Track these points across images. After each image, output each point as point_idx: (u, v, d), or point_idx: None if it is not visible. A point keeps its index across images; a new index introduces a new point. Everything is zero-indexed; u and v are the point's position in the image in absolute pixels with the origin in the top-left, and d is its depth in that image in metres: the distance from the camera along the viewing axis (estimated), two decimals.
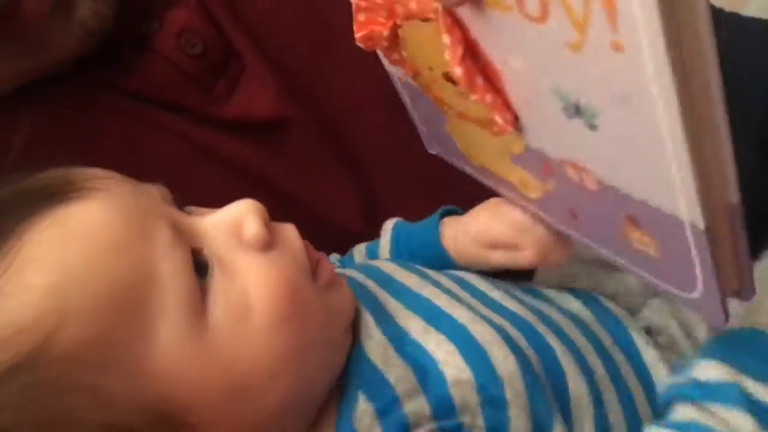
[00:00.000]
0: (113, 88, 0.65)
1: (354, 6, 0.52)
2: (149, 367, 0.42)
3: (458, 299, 0.52)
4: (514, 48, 0.43)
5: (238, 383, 0.43)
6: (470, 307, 0.51)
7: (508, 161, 0.53)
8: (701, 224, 0.40)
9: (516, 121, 0.48)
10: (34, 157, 0.45)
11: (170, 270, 0.43)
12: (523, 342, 0.49)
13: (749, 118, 0.73)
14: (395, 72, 0.59)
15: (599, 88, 0.39)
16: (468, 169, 0.61)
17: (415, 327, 0.49)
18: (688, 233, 0.41)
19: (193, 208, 0.49)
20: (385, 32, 0.53)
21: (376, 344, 0.48)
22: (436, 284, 0.54)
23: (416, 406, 0.45)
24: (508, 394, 0.45)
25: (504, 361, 0.46)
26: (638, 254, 0.47)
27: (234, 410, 0.44)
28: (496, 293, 0.54)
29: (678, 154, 0.38)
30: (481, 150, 0.56)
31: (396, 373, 0.46)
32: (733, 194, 0.40)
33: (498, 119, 0.48)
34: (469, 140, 0.57)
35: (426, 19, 0.48)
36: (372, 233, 0.66)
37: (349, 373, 0.48)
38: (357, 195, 0.67)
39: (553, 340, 0.51)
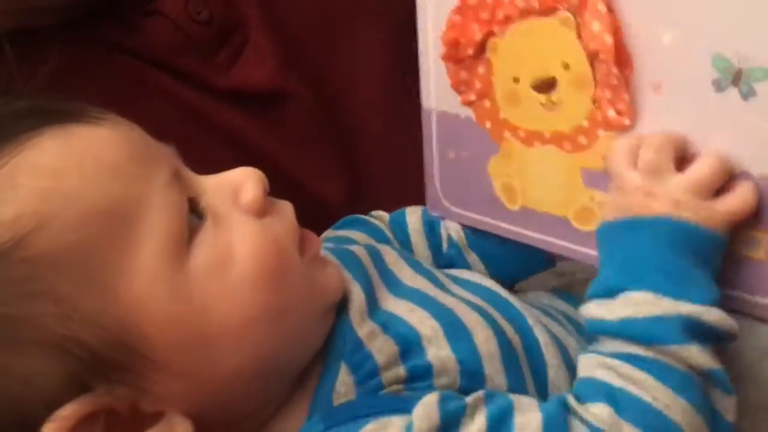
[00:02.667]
0: (116, 47, 0.65)
1: (458, 4, 0.53)
2: (121, 289, 0.41)
3: (448, 291, 0.53)
4: (671, 17, 0.46)
5: (206, 332, 0.43)
6: (458, 297, 0.52)
7: (577, 185, 0.53)
8: None
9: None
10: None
11: (162, 202, 0.43)
12: (508, 327, 0.51)
13: None
14: (437, 105, 0.59)
15: None
16: (487, 221, 0.60)
17: (402, 308, 0.50)
18: None
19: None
20: (478, 37, 0.53)
21: (363, 322, 0.49)
22: (431, 277, 0.54)
23: (393, 374, 0.46)
24: (487, 371, 0.47)
25: (485, 342, 0.48)
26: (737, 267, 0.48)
27: (197, 359, 0.43)
28: (488, 281, 0.56)
29: None
30: (536, 182, 0.56)
31: (379, 345, 0.47)
32: None
33: (611, 114, 0.49)
34: (524, 173, 0.56)
35: (550, 11, 0.50)
36: (354, 211, 0.66)
37: (335, 345, 0.48)
38: (345, 172, 0.67)
39: (539, 330, 0.52)
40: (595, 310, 0.46)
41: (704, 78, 0.46)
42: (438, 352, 0.46)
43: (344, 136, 0.65)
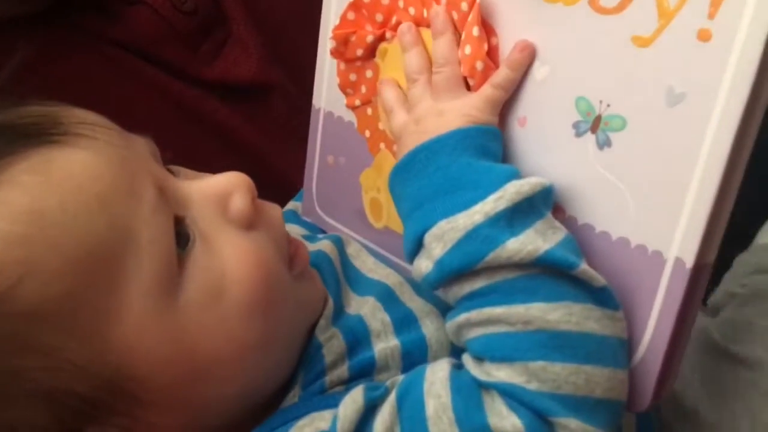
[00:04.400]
0: (100, 36, 0.64)
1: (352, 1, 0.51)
2: (111, 336, 0.39)
3: (408, 279, 0.51)
4: (546, 54, 0.44)
5: (199, 366, 0.42)
6: (415, 284, 0.51)
7: None
8: (690, 262, 0.40)
9: None
10: (12, 94, 0.44)
11: (151, 236, 0.40)
12: None
13: None
14: (326, 104, 0.56)
15: (649, 87, 0.39)
16: (354, 236, 0.57)
17: (360, 306, 0.49)
18: (666, 273, 0.40)
19: (177, 168, 0.47)
20: (370, 39, 0.51)
21: (327, 327, 0.48)
22: (394, 266, 0.53)
23: (338, 374, 0.45)
24: (434, 359, 0.45)
25: (437, 331, 0.47)
26: None
27: (190, 393, 0.42)
28: None
29: (711, 167, 0.38)
30: None
31: (331, 346, 0.46)
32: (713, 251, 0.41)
33: None
34: None
35: None
36: None
37: (303, 355, 0.47)
38: None
39: None
40: (418, 267, 0.44)
41: (566, 119, 0.43)
42: (385, 345, 0.46)
43: None
